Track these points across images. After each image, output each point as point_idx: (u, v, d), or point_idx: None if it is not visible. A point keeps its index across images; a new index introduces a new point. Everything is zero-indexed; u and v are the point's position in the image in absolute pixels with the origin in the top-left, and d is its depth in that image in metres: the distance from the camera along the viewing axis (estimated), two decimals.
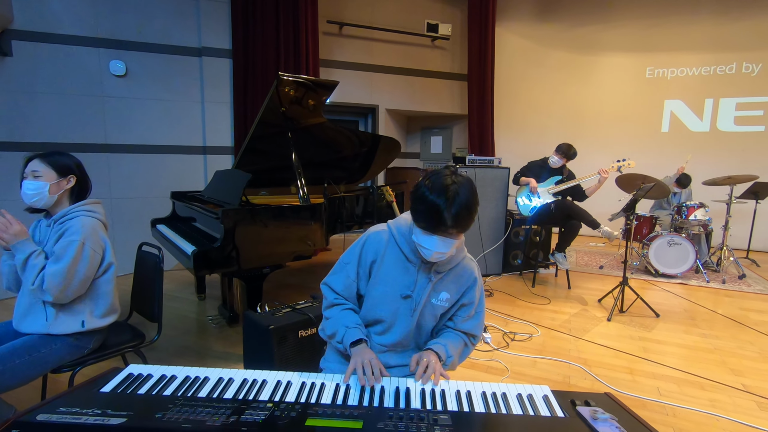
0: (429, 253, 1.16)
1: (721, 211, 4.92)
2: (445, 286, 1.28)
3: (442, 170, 1.13)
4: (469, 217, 1.11)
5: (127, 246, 4.23)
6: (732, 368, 2.59)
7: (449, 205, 1.07)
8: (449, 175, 1.11)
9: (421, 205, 1.12)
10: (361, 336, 1.23)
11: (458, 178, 1.11)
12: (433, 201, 1.08)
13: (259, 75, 4.73)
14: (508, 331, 3.05)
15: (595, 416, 0.95)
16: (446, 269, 1.27)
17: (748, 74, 5.98)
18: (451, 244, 1.15)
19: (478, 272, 1.35)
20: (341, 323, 1.26)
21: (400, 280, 1.26)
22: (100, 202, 1.79)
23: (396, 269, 1.26)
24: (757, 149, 5.98)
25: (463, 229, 1.13)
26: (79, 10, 3.99)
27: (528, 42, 6.86)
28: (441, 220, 1.08)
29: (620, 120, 6.60)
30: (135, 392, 1.02)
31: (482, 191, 4.36)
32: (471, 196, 1.10)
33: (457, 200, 1.07)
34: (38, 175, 1.62)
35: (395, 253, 1.27)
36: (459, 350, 1.30)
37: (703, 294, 4.06)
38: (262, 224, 2.47)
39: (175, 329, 3.04)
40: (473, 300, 1.32)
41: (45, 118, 3.95)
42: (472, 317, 1.34)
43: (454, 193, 1.07)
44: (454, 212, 1.07)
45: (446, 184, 1.08)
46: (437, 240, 1.12)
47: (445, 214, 1.07)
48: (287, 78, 2.62)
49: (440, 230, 1.11)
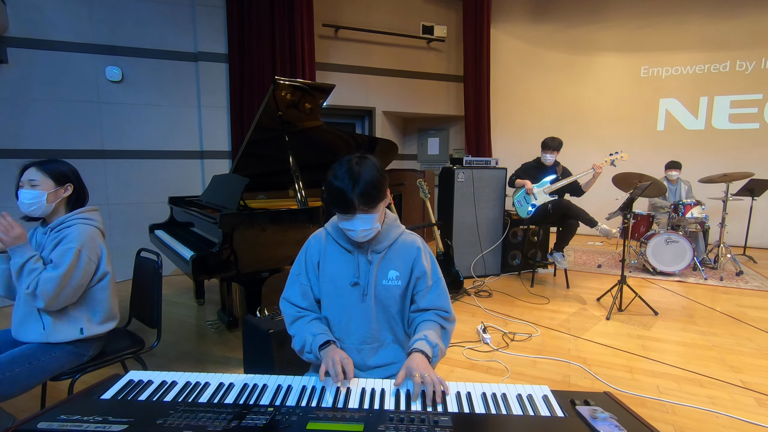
0: (355, 233, 1.22)
1: (718, 208, 4.94)
2: (391, 264, 1.30)
3: (345, 158, 1.21)
4: (375, 192, 1.18)
5: (125, 252, 4.24)
6: (731, 365, 2.61)
7: (354, 185, 1.15)
8: (351, 159, 1.19)
9: (330, 192, 1.20)
10: (328, 338, 1.23)
11: (361, 160, 1.19)
12: (338, 186, 1.16)
13: (256, 79, 4.73)
14: (507, 332, 3.06)
15: (595, 415, 0.95)
16: (383, 248, 1.30)
17: (741, 72, 6.02)
18: (371, 220, 1.21)
19: (422, 242, 1.36)
20: (308, 333, 1.26)
21: (344, 270, 1.29)
22: (97, 210, 1.78)
23: (338, 261, 1.31)
24: (752, 146, 6.02)
25: (373, 204, 1.19)
26: (75, 17, 3.99)
27: (523, 43, 6.89)
28: (349, 201, 1.16)
29: (616, 119, 6.63)
30: (135, 399, 1.03)
31: (480, 192, 4.38)
32: (375, 172, 1.18)
33: (360, 179, 1.15)
34: (35, 184, 1.62)
35: (334, 247, 1.32)
36: (438, 333, 1.27)
37: (701, 291, 4.08)
38: (261, 228, 2.47)
39: (174, 335, 3.03)
40: (424, 269, 1.31)
41: (41, 124, 3.95)
42: (431, 288, 1.32)
43: (357, 173, 1.16)
44: (359, 191, 1.15)
45: (349, 167, 1.17)
46: (356, 220, 1.19)
47: (351, 195, 1.15)
48: (284, 82, 2.63)
49: (352, 210, 1.17)
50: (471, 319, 3.31)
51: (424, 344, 1.20)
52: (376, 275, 1.28)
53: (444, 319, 1.31)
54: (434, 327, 1.28)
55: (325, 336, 1.24)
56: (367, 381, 1.12)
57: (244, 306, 2.57)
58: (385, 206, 1.28)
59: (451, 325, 1.34)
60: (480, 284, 4.21)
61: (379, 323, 1.30)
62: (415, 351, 1.18)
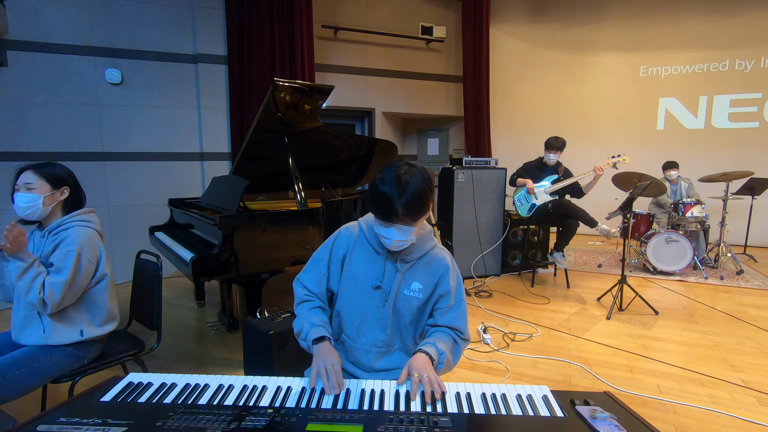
0: (389, 242, 1.20)
1: (718, 207, 4.94)
2: (416, 276, 1.28)
3: (395, 163, 1.18)
4: (421, 205, 1.14)
5: (125, 254, 4.26)
6: (731, 364, 2.60)
7: (400, 194, 1.11)
8: (401, 166, 1.16)
9: (374, 197, 1.16)
10: (324, 333, 1.22)
11: (410, 169, 1.15)
12: (384, 192, 1.13)
13: (255, 80, 4.74)
14: (507, 332, 3.06)
15: (595, 415, 0.95)
16: (413, 259, 1.28)
17: (741, 71, 6.02)
18: (409, 232, 1.18)
19: (451, 261, 1.34)
20: (307, 320, 1.26)
21: (369, 272, 1.28)
22: (94, 211, 1.78)
23: (365, 261, 1.29)
24: (752, 145, 6.02)
25: (416, 216, 1.16)
26: (74, 19, 3.99)
27: (522, 43, 6.90)
28: (393, 210, 1.12)
29: (616, 118, 6.64)
30: (135, 401, 1.02)
31: (480, 192, 4.38)
32: (422, 185, 1.14)
33: (407, 189, 1.11)
34: (31, 188, 1.61)
35: (364, 246, 1.31)
36: (449, 346, 1.26)
37: (702, 290, 4.08)
38: (261, 230, 2.47)
39: (174, 336, 3.03)
40: (449, 289, 1.30)
41: (41, 127, 3.95)
42: (452, 308, 1.30)
43: (405, 182, 1.12)
44: (404, 201, 1.11)
45: (397, 175, 1.13)
46: (394, 229, 1.16)
47: (395, 204, 1.11)
48: (283, 83, 2.63)
49: (394, 219, 1.14)
50: (471, 320, 3.30)
51: (431, 348, 1.20)
52: (400, 284, 1.27)
53: (458, 337, 1.30)
54: (446, 339, 1.27)
55: (322, 330, 1.23)
56: (367, 382, 1.12)
57: (244, 307, 2.58)
58: (425, 219, 1.26)
59: (464, 344, 1.33)
60: (480, 284, 4.21)
61: (392, 330, 1.30)
62: (419, 351, 1.18)
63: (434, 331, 1.30)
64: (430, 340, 1.24)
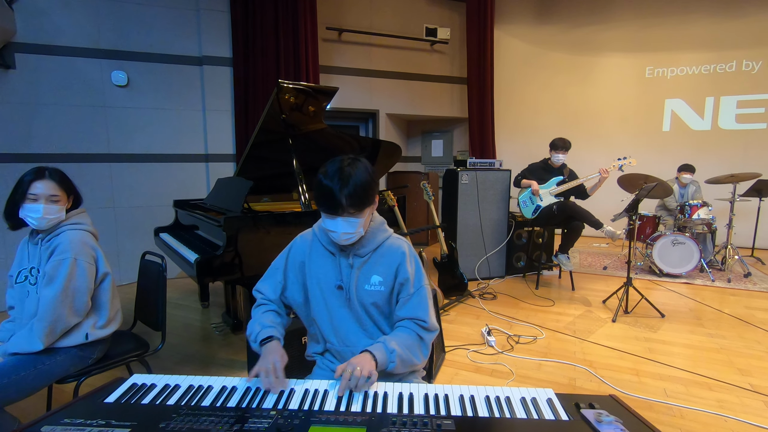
0: (336, 235, 1.21)
1: (725, 209, 4.90)
2: (374, 269, 1.27)
3: (338, 157, 1.20)
4: (365, 195, 1.17)
5: (130, 255, 4.29)
6: (739, 368, 2.57)
7: (343, 186, 1.14)
8: (344, 160, 1.18)
9: (319, 190, 1.18)
10: (272, 334, 1.23)
11: (353, 162, 1.18)
12: (327, 184, 1.15)
13: (260, 82, 4.76)
14: (512, 334, 3.04)
15: (600, 419, 0.94)
16: (367, 252, 1.27)
17: (748, 72, 5.97)
18: (356, 224, 1.19)
19: (408, 248, 1.31)
20: (258, 322, 1.27)
21: (329, 273, 1.29)
22: (84, 211, 1.75)
23: (323, 264, 1.30)
24: (760, 147, 5.96)
25: (361, 207, 1.18)
26: (81, 22, 4.03)
27: (527, 44, 6.88)
28: (337, 201, 1.14)
29: (621, 120, 6.60)
30: (139, 402, 1.03)
31: (484, 194, 4.37)
32: (365, 176, 1.17)
33: (351, 181, 1.14)
34: (57, 200, 1.60)
35: (319, 249, 1.32)
36: (407, 342, 1.22)
37: (709, 293, 4.04)
38: (265, 231, 2.47)
39: (179, 338, 3.04)
40: (407, 276, 1.26)
41: (48, 129, 3.99)
42: (412, 296, 1.27)
43: (348, 174, 1.14)
44: (347, 192, 1.14)
45: (340, 167, 1.16)
46: (341, 220, 1.18)
47: (339, 195, 1.14)
48: (287, 85, 2.64)
49: (339, 211, 1.16)
50: (476, 322, 3.29)
51: (379, 347, 1.17)
52: (358, 279, 1.27)
53: (422, 328, 1.26)
54: (405, 335, 1.24)
55: (271, 331, 1.23)
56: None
57: (248, 309, 2.57)
58: (371, 212, 1.27)
59: (430, 334, 1.28)
60: (484, 286, 4.19)
61: (367, 326, 1.29)
62: (364, 351, 1.16)
63: (396, 327, 1.28)
64: (383, 339, 1.22)
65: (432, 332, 1.29)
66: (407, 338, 1.24)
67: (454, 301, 3.74)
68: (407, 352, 1.21)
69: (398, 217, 3.56)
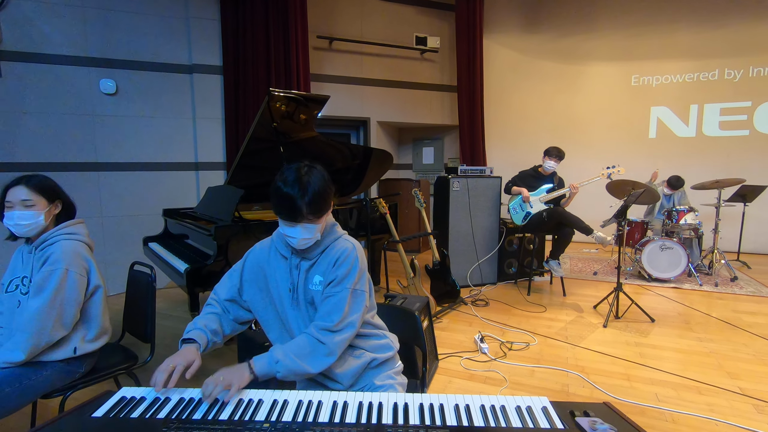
0: (295, 241, 1.23)
1: (711, 214, 4.98)
2: (317, 269, 1.29)
3: (294, 164, 1.21)
4: (323, 203, 1.19)
5: (118, 265, 4.21)
6: (728, 371, 2.60)
7: (303, 194, 1.15)
8: (302, 167, 1.20)
9: (278, 198, 1.19)
10: (193, 337, 1.24)
11: (310, 170, 1.20)
12: (288, 192, 1.16)
13: (251, 90, 4.75)
14: (505, 341, 3.05)
15: (594, 427, 0.95)
16: (315, 254, 1.29)
17: (730, 80, 6.12)
18: (314, 230, 1.22)
19: (354, 248, 1.29)
20: (195, 321, 1.29)
21: (283, 277, 1.30)
22: (82, 222, 1.73)
23: (278, 267, 1.32)
24: (743, 153, 6.09)
25: (320, 214, 1.20)
26: (69, 30, 4.00)
27: (515, 53, 6.98)
28: (297, 209, 1.16)
29: (608, 127, 6.71)
30: (128, 416, 1.00)
31: (475, 201, 4.39)
32: (323, 183, 1.19)
33: (309, 189, 1.16)
34: (30, 204, 1.56)
35: (275, 254, 1.34)
36: (301, 351, 1.19)
37: (697, 297, 4.09)
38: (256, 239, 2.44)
39: (168, 349, 2.99)
40: (337, 275, 1.24)
41: (35, 137, 3.93)
42: (331, 297, 1.23)
43: (307, 182, 1.16)
44: (307, 200, 1.16)
45: (298, 176, 1.17)
46: (300, 228, 1.20)
47: (300, 203, 1.15)
48: (278, 93, 2.64)
49: (299, 218, 1.17)
50: (468, 329, 3.29)
51: (263, 358, 1.18)
52: (305, 280, 1.29)
53: (328, 331, 1.21)
54: (303, 343, 1.21)
55: (195, 333, 1.25)
56: (365, 395, 1.11)
57: None
58: (327, 216, 1.28)
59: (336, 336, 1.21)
60: (477, 293, 4.20)
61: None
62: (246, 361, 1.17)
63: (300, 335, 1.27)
64: (276, 347, 1.21)
65: (340, 333, 1.22)
66: (304, 347, 1.20)
67: (447, 308, 3.74)
68: (297, 362, 1.17)
69: (390, 225, 3.56)
